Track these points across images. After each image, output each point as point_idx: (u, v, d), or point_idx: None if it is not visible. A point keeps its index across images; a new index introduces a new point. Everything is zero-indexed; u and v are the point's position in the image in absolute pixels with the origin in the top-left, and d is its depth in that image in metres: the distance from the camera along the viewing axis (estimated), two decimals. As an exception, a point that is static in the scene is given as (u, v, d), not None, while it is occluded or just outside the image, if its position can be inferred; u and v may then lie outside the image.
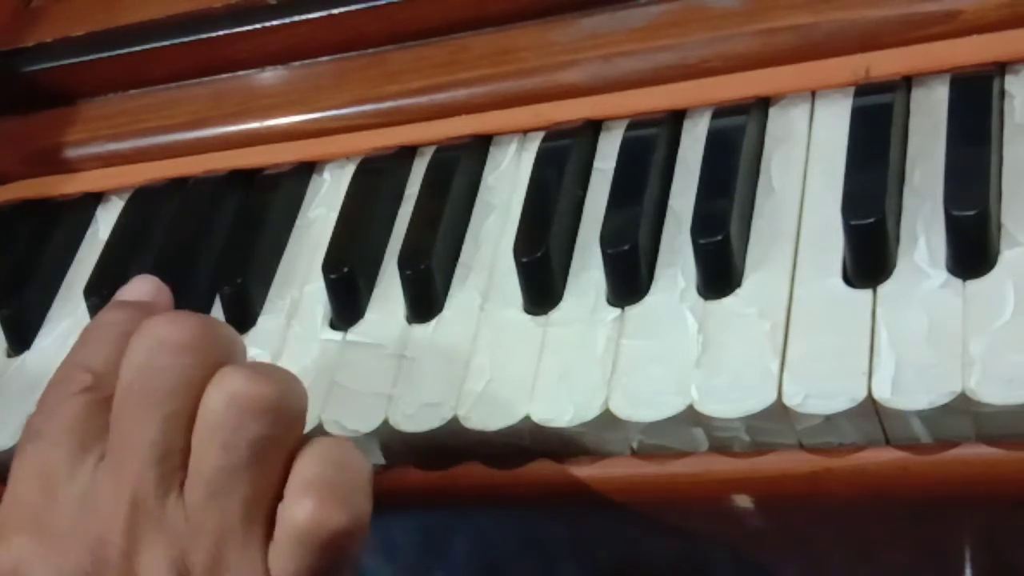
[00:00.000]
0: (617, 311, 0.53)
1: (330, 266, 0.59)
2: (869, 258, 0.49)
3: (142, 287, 0.54)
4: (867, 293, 0.49)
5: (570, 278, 0.55)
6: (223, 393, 0.45)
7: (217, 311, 0.61)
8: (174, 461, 0.45)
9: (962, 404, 0.45)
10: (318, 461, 0.45)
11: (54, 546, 0.46)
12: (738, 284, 0.51)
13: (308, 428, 0.54)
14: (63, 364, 0.50)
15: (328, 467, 0.45)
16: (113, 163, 0.69)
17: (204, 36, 0.67)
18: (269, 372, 0.46)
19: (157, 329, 0.46)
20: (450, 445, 0.53)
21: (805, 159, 0.54)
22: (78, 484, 0.46)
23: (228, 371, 0.45)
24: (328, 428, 0.54)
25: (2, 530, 0.47)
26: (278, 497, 0.45)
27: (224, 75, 0.69)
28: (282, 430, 0.45)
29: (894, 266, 0.49)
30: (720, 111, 0.56)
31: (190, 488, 0.45)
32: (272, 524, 0.45)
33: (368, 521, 0.45)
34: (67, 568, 0.45)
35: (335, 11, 0.65)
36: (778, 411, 0.47)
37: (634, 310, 0.52)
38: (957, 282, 0.47)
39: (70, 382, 0.49)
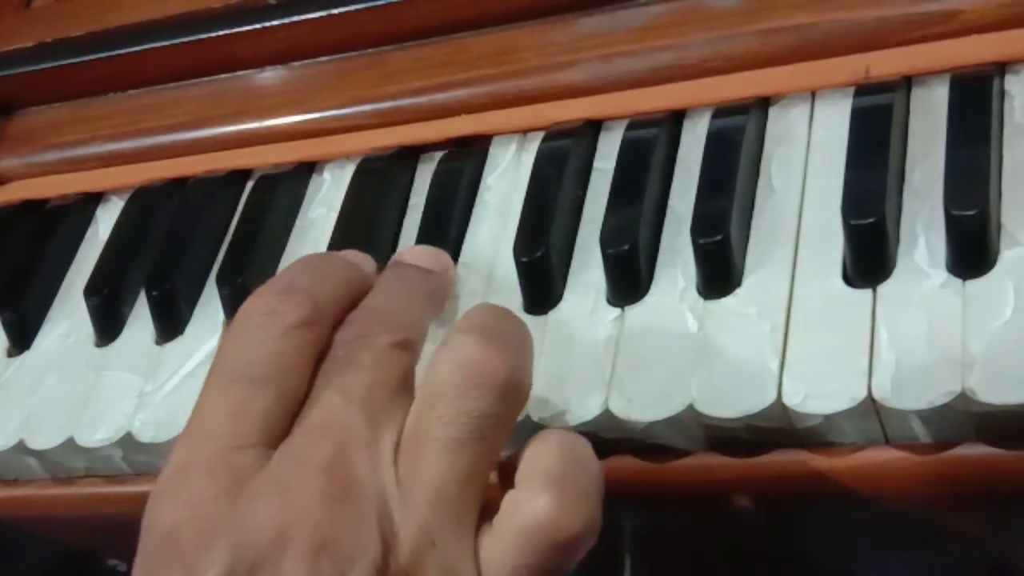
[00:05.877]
0: (617, 311, 0.53)
1: (330, 266, 0.58)
2: (869, 258, 0.49)
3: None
4: (867, 293, 0.49)
5: (570, 278, 0.54)
6: (451, 361, 0.43)
7: (217, 311, 0.61)
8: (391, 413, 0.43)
9: (962, 404, 0.45)
10: (561, 455, 0.42)
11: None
12: (738, 284, 0.51)
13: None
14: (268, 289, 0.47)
15: (571, 463, 0.42)
16: (113, 163, 0.69)
17: (204, 36, 0.67)
18: (503, 338, 0.43)
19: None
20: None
21: (805, 159, 0.54)
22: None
23: (462, 336, 0.43)
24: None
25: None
26: (488, 478, 0.42)
27: (224, 75, 0.69)
28: (506, 409, 0.43)
29: (894, 266, 0.49)
30: (720, 111, 0.56)
31: (403, 450, 0.42)
32: (482, 507, 0.42)
33: (598, 530, 0.42)
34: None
35: (335, 11, 0.65)
36: (778, 411, 0.47)
37: (634, 310, 0.52)
38: (957, 282, 0.47)
39: (285, 314, 0.45)
